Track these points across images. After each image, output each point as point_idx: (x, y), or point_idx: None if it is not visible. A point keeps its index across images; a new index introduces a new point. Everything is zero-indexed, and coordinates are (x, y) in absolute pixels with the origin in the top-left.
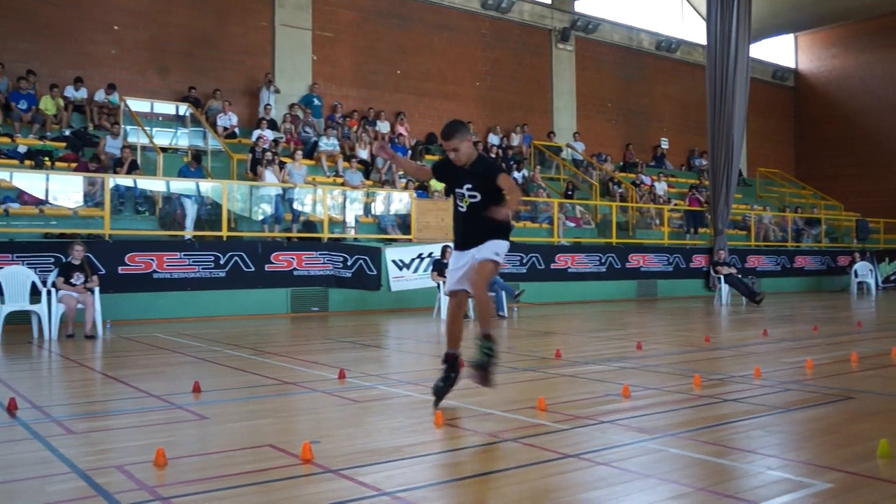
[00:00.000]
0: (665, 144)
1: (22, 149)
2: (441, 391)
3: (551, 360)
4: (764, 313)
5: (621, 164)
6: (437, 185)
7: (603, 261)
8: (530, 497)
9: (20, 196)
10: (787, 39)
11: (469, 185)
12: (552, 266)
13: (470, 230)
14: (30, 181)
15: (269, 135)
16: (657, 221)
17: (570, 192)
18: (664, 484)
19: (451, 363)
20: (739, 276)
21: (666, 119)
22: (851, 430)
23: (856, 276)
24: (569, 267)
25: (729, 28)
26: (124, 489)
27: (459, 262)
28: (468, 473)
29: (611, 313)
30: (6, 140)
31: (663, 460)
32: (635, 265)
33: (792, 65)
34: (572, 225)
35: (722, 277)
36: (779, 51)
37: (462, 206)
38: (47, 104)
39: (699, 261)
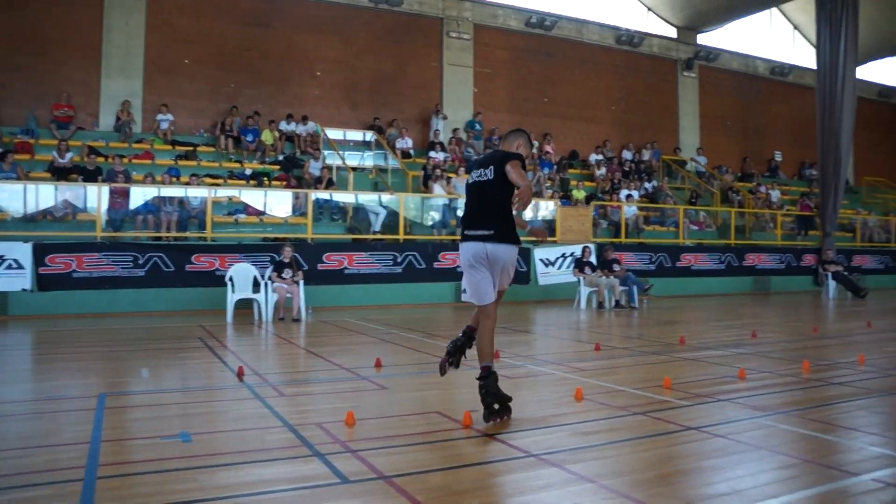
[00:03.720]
0: (779, 157)
1: (248, 171)
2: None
3: (676, 346)
4: (867, 307)
5: (739, 174)
6: (577, 195)
7: (722, 259)
8: (656, 462)
9: (246, 208)
10: (892, 61)
11: None
12: (678, 264)
13: None
14: (253, 197)
15: (439, 155)
16: (771, 225)
17: (693, 200)
18: (774, 455)
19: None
20: (845, 273)
21: (779, 135)
22: None
23: None
24: (692, 265)
25: (837, 53)
26: (322, 442)
27: None
28: (603, 441)
29: (729, 306)
30: (237, 165)
31: (774, 435)
32: (751, 263)
33: None
34: (696, 228)
35: (829, 274)
36: (884, 71)
37: None
38: (267, 136)
39: (808, 259)
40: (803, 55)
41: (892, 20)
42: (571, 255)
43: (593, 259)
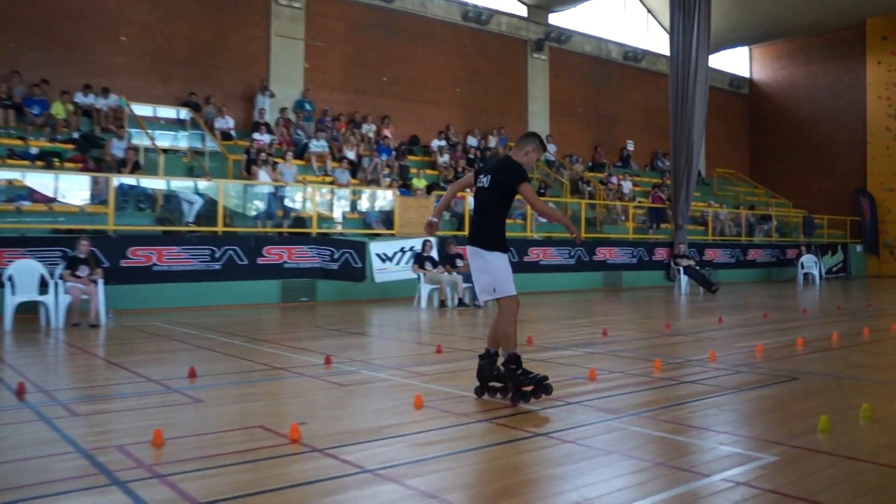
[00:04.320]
0: (631, 146)
1: (34, 150)
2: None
3: (523, 347)
4: (719, 302)
5: (590, 164)
6: (418, 184)
7: (572, 254)
8: (502, 473)
9: (31, 194)
10: (743, 51)
11: None
12: (525, 259)
13: None
14: (40, 180)
15: (264, 138)
16: (623, 217)
17: (542, 191)
18: (626, 459)
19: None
20: (697, 267)
21: (632, 123)
22: (796, 408)
23: (802, 267)
24: (540, 260)
25: (690, 40)
26: (124, 467)
27: None
28: (445, 451)
29: (579, 303)
30: (19, 142)
31: (625, 438)
32: (602, 258)
33: (747, 75)
34: (544, 221)
35: (681, 269)
36: (735, 62)
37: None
38: (58, 109)
39: (661, 254)
40: (657, 41)
41: (743, 8)
42: (411, 249)
43: (434, 254)
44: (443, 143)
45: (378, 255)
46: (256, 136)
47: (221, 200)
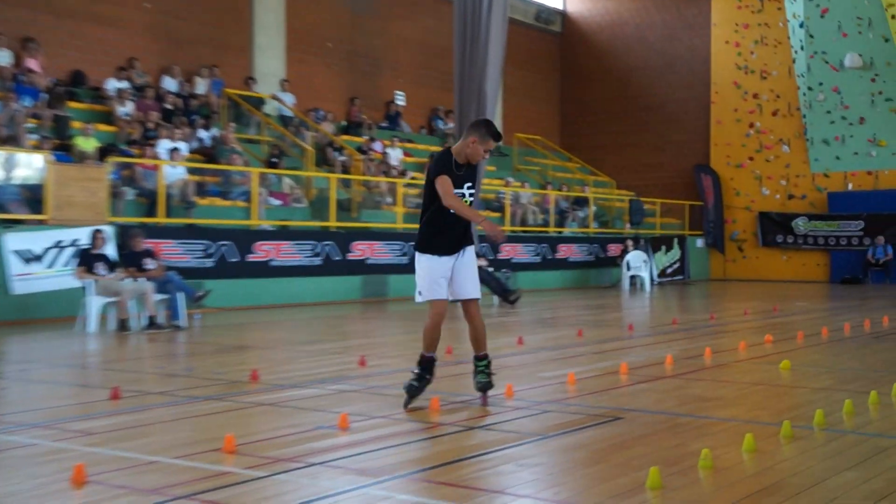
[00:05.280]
0: (401, 100)
1: None
2: (416, 392)
3: (245, 385)
4: (520, 316)
5: (344, 123)
6: (85, 145)
7: (318, 251)
8: None
9: None
10: None
11: (469, 185)
12: (249, 258)
13: (460, 234)
14: None
15: None
16: (389, 200)
17: (275, 160)
18: None
19: (430, 367)
20: (490, 269)
21: (403, 67)
22: (619, 458)
23: (628, 268)
24: (272, 259)
25: None
26: None
27: (444, 270)
28: None
29: (327, 319)
30: None
31: None
32: (360, 256)
33: (559, 6)
34: (278, 203)
35: None
36: None
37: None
38: None
39: None
40: None
41: None
42: (73, 244)
43: (111, 251)
44: (124, 84)
45: (18, 252)
46: None
47: None
